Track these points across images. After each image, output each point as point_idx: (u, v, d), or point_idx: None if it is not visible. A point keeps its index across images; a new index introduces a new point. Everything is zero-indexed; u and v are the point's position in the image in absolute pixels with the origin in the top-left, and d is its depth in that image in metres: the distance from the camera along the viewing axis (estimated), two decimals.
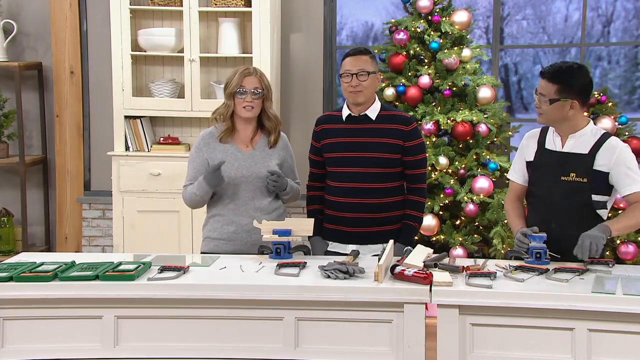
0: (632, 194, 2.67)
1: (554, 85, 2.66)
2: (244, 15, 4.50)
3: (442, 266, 2.54)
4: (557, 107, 2.67)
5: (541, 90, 2.70)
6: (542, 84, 2.70)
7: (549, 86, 2.67)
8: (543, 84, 2.69)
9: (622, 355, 2.30)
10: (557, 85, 2.66)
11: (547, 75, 2.68)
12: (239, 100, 2.96)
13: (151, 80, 4.62)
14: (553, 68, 2.70)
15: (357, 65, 2.90)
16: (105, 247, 4.96)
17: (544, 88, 2.68)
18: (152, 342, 2.46)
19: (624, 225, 2.68)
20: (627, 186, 2.67)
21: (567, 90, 2.65)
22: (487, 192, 4.18)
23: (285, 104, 4.84)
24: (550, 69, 2.70)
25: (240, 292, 2.42)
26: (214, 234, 3.03)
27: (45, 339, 2.47)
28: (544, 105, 2.69)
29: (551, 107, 2.68)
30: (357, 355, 2.41)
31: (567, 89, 2.65)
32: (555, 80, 2.66)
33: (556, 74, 2.67)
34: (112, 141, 4.53)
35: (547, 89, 2.67)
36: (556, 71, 2.67)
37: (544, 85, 2.69)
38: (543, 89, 2.69)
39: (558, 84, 2.65)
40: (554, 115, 2.70)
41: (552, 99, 2.66)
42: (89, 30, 4.88)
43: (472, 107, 4.31)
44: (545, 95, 2.68)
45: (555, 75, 2.66)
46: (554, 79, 2.66)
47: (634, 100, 5.51)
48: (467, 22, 4.41)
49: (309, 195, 3.15)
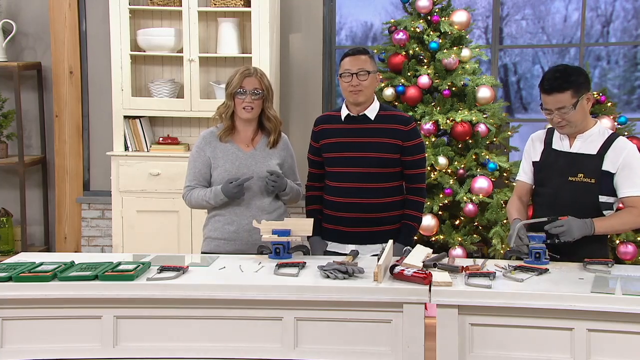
0: (629, 197, 2.67)
1: (566, 92, 2.63)
2: (243, 15, 4.50)
3: (442, 266, 2.54)
4: (580, 109, 2.65)
5: (557, 105, 2.64)
6: (556, 98, 2.63)
7: (563, 96, 2.63)
8: (558, 97, 2.62)
9: (621, 355, 2.30)
10: (569, 90, 2.63)
11: (556, 87, 2.62)
12: (239, 100, 2.96)
13: (150, 80, 4.62)
14: (555, 78, 2.64)
15: (357, 65, 2.90)
16: (105, 247, 4.95)
17: (560, 100, 2.63)
18: (151, 342, 2.46)
19: (609, 225, 2.68)
20: (627, 188, 2.67)
21: (577, 88, 2.64)
22: (486, 192, 4.18)
23: (284, 104, 4.83)
24: (554, 81, 2.64)
25: (240, 292, 2.42)
26: (214, 234, 3.04)
27: (44, 339, 2.46)
28: (568, 115, 2.65)
29: (576, 112, 2.64)
30: (357, 355, 2.41)
31: (577, 87, 2.64)
32: (565, 86, 2.62)
33: (563, 81, 2.63)
34: (111, 141, 4.53)
35: (563, 99, 2.63)
36: (560, 78, 2.64)
37: (559, 99, 2.63)
38: (559, 102, 2.63)
39: (569, 88, 2.63)
40: (580, 118, 2.68)
41: (573, 104, 2.63)
42: (88, 30, 4.88)
43: (472, 107, 4.31)
44: (564, 106, 2.63)
45: (563, 82, 2.63)
46: (564, 85, 2.62)
47: (633, 100, 5.51)
48: (467, 22, 4.40)
49: (308, 196, 3.15)
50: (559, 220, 2.63)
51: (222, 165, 3.01)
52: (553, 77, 2.65)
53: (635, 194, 2.66)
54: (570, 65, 2.75)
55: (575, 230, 2.60)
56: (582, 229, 2.61)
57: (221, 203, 2.97)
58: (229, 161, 3.01)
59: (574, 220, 2.61)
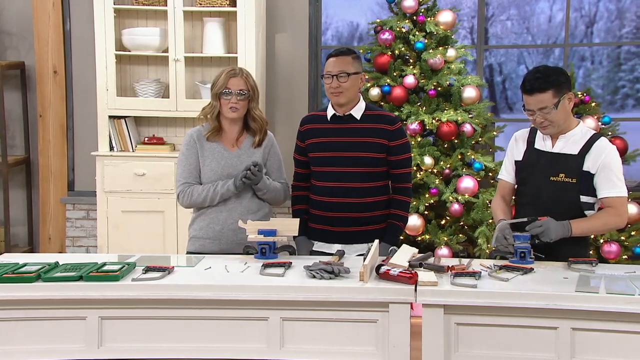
0: (608, 198, 2.69)
1: (547, 91, 2.64)
2: (228, 15, 4.48)
3: (427, 266, 2.54)
4: (562, 109, 2.67)
5: (539, 105, 2.65)
6: (538, 98, 2.64)
7: (544, 95, 2.64)
8: (539, 97, 2.64)
9: (605, 354, 2.32)
10: (550, 89, 2.64)
11: (537, 88, 2.63)
12: (225, 101, 2.96)
13: (136, 80, 4.59)
14: (535, 78, 2.65)
15: (337, 67, 2.90)
16: (90, 247, 4.92)
17: (541, 101, 2.64)
18: (136, 343, 2.45)
19: (587, 226, 2.70)
20: (606, 189, 2.69)
21: (559, 88, 2.66)
22: (472, 192, 4.20)
23: (270, 104, 4.82)
24: (535, 81, 2.65)
25: (225, 293, 2.41)
26: (200, 233, 3.03)
27: (28, 340, 2.44)
28: (550, 115, 2.66)
29: (558, 111, 2.66)
30: (343, 355, 2.41)
31: (558, 86, 2.66)
32: (546, 86, 2.64)
33: (544, 81, 2.64)
34: (96, 141, 4.50)
35: (544, 99, 2.64)
36: (540, 78, 2.65)
37: (540, 99, 2.64)
38: (541, 102, 2.64)
39: (550, 88, 2.64)
40: (562, 118, 2.69)
41: (555, 103, 2.65)
42: (72, 30, 4.84)
43: (457, 107, 4.33)
44: (546, 106, 2.65)
45: (544, 83, 2.64)
46: (545, 85, 2.64)
47: (616, 101, 5.57)
48: (452, 23, 4.42)
49: (294, 195, 3.14)
50: (538, 221, 2.65)
51: (208, 164, 3.01)
52: (534, 77, 2.67)
53: (613, 195, 2.68)
54: (550, 66, 2.76)
55: (552, 232, 2.62)
56: (559, 230, 2.63)
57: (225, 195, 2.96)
58: (214, 160, 3.00)
59: (552, 221, 2.63)
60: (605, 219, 2.71)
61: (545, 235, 2.62)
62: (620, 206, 2.70)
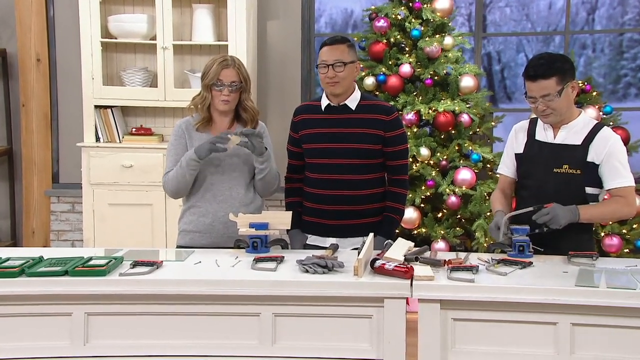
0: (616, 189, 2.67)
1: (551, 78, 2.61)
2: (218, 1, 4.44)
3: (423, 260, 2.52)
4: (565, 97, 2.65)
5: (542, 92, 2.62)
6: (541, 85, 2.61)
7: (548, 82, 2.61)
8: (543, 84, 2.61)
9: (605, 349, 2.30)
10: (554, 76, 2.61)
11: (541, 74, 2.61)
12: (216, 92, 2.91)
13: (122, 68, 4.55)
14: (540, 64, 2.63)
15: (333, 56, 2.86)
16: (75, 241, 4.88)
17: (545, 87, 2.62)
18: (123, 339, 2.42)
19: (596, 212, 2.68)
20: (613, 179, 2.67)
21: (563, 75, 2.63)
22: (469, 184, 4.17)
23: (262, 94, 4.79)
24: (539, 67, 2.62)
25: (216, 288, 2.39)
26: (189, 227, 2.99)
27: (11, 337, 2.41)
28: (553, 103, 2.63)
29: (561, 100, 2.63)
30: (337, 351, 2.39)
31: (562, 73, 2.63)
32: (551, 73, 2.61)
33: (548, 67, 2.62)
34: (81, 132, 4.45)
35: (548, 86, 2.61)
36: (545, 65, 2.63)
37: (543, 85, 2.61)
38: (544, 89, 2.62)
39: (554, 75, 2.61)
40: (564, 106, 2.66)
41: (558, 91, 2.62)
42: (56, 16, 4.79)
43: (454, 96, 4.29)
44: (549, 93, 2.62)
45: (548, 69, 2.61)
46: (549, 72, 2.61)
47: (618, 90, 5.53)
48: (449, 9, 4.39)
49: (287, 188, 3.12)
50: (545, 209, 2.62)
51: None
52: (538, 63, 2.64)
53: (622, 185, 2.66)
54: (555, 53, 2.74)
55: (561, 217, 2.59)
56: (567, 215, 2.60)
57: (194, 171, 2.85)
58: None
59: (559, 207, 2.60)
60: (614, 207, 2.69)
61: (554, 221, 2.59)
62: (630, 195, 2.68)
